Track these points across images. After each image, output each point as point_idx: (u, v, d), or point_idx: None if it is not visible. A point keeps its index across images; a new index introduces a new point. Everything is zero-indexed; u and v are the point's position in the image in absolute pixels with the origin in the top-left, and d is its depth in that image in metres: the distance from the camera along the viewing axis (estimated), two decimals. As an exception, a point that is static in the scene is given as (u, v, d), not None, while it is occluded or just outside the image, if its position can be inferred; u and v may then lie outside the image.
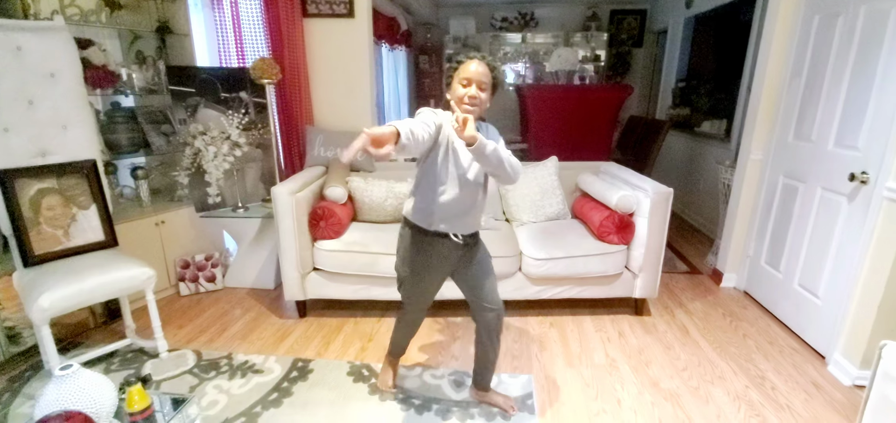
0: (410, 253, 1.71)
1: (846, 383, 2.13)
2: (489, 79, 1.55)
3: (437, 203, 1.60)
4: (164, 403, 1.54)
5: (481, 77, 1.53)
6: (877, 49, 2.06)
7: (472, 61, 1.55)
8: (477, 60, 1.55)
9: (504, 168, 1.50)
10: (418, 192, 1.65)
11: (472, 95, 1.52)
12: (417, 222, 1.66)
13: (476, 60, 1.55)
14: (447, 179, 1.59)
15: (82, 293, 1.98)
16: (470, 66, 1.54)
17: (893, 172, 1.94)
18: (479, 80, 1.53)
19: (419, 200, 1.65)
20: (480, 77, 1.53)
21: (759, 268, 2.88)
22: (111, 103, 2.86)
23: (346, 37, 3.13)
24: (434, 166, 1.58)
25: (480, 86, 1.53)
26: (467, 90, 1.53)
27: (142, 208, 2.83)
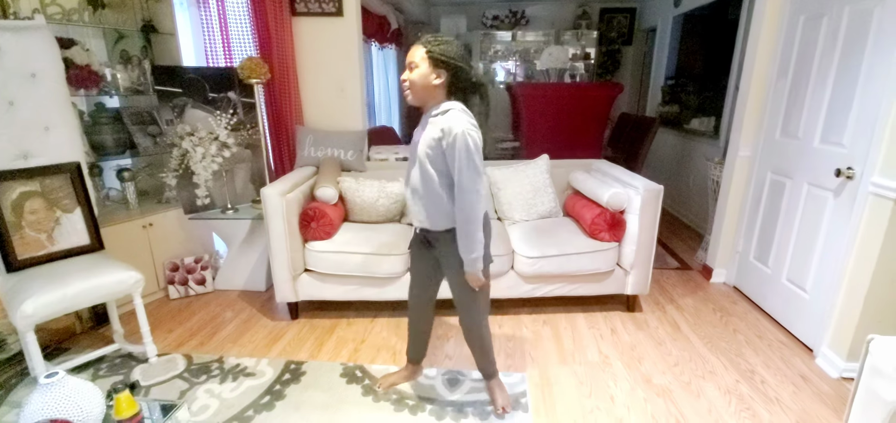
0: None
1: (833, 375, 2.17)
2: (420, 55, 1.53)
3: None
4: (153, 409, 1.52)
5: (408, 58, 1.55)
6: (860, 48, 2.09)
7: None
8: (413, 46, 1.58)
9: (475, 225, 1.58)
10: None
11: (402, 79, 1.58)
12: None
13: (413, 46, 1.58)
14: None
15: (67, 299, 1.93)
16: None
17: (878, 167, 1.97)
18: (408, 61, 1.56)
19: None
20: (408, 59, 1.55)
21: (748, 263, 2.92)
22: (95, 104, 2.80)
23: (335, 36, 3.10)
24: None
25: (409, 67, 1.56)
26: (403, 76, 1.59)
27: (128, 211, 2.79)
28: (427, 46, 1.52)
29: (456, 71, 1.54)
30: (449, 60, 1.53)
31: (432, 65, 1.53)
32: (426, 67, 1.53)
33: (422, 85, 1.54)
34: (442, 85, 1.55)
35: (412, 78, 1.55)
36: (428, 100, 1.59)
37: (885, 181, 1.93)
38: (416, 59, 1.53)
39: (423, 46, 1.53)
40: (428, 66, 1.53)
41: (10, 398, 2.02)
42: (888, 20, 1.95)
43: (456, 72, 1.54)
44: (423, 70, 1.53)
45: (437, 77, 1.54)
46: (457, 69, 1.54)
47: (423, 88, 1.55)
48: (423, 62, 1.53)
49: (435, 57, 1.52)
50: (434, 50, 1.51)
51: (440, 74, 1.54)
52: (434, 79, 1.54)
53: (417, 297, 1.93)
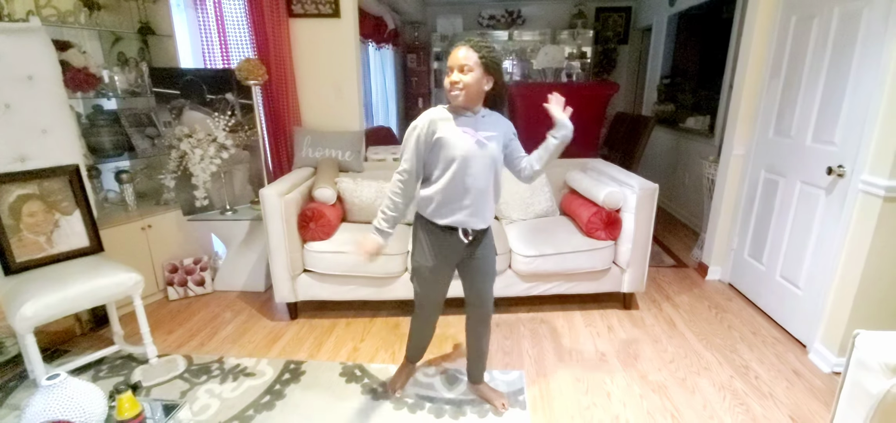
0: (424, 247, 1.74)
1: (826, 370, 2.20)
2: (474, 60, 1.54)
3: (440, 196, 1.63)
4: (155, 409, 1.53)
5: (461, 60, 1.54)
6: (850, 48, 2.12)
7: (457, 48, 1.57)
8: (460, 45, 1.57)
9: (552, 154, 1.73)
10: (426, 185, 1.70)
11: (454, 81, 1.56)
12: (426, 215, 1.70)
13: (460, 46, 1.57)
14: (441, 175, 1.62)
15: (67, 301, 1.94)
16: (453, 53, 1.57)
17: (868, 165, 2.00)
18: (460, 63, 1.54)
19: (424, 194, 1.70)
20: (461, 61, 1.54)
21: (742, 260, 2.95)
22: (93, 106, 2.81)
23: (332, 37, 3.11)
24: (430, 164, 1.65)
25: (462, 69, 1.54)
26: (450, 78, 1.57)
27: (127, 213, 2.79)
28: (481, 52, 1.55)
29: (501, 80, 1.63)
30: (499, 68, 1.61)
31: (485, 70, 1.57)
32: (480, 72, 1.56)
33: (476, 88, 1.57)
34: (488, 91, 1.62)
35: (467, 81, 1.55)
36: (475, 102, 1.62)
37: (874, 179, 1.96)
38: (470, 62, 1.54)
39: (475, 50, 1.54)
40: (482, 72, 1.56)
41: (9, 401, 2.03)
42: (876, 21, 1.98)
43: (500, 81, 1.63)
44: (477, 74, 1.56)
45: (487, 82, 1.60)
46: (501, 78, 1.63)
47: (476, 92, 1.58)
48: (478, 67, 1.55)
49: (487, 63, 1.56)
50: (487, 57, 1.56)
51: (489, 80, 1.60)
52: (485, 85, 1.59)
53: (438, 307, 1.89)
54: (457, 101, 1.58)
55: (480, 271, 1.78)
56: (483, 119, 1.64)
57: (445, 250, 1.71)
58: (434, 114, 1.62)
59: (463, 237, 1.68)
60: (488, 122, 1.65)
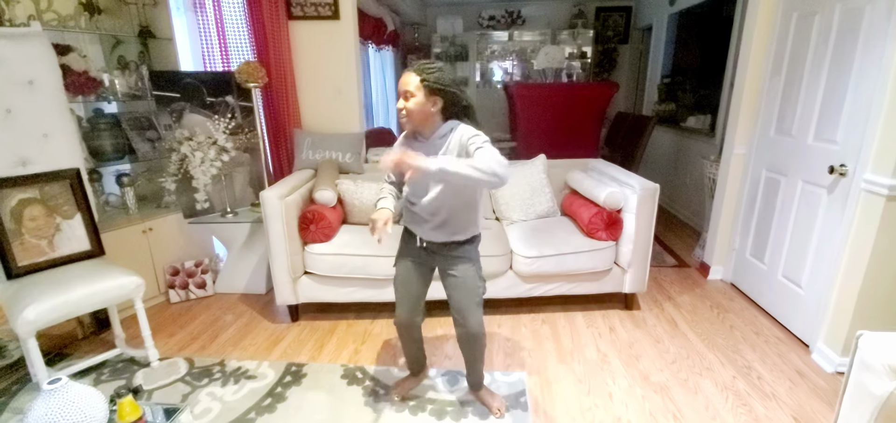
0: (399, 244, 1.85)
1: (829, 370, 2.19)
2: (415, 84, 1.53)
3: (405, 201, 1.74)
4: (156, 413, 1.53)
5: (404, 86, 1.54)
6: (852, 46, 2.12)
7: (402, 76, 1.57)
8: (405, 73, 1.56)
9: (473, 179, 1.41)
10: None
11: (398, 108, 1.59)
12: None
13: (404, 73, 1.56)
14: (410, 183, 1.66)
15: (69, 304, 1.95)
16: (401, 80, 1.58)
17: (870, 164, 1.99)
18: (403, 90, 1.55)
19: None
20: (403, 87, 1.55)
21: (744, 260, 2.94)
22: (94, 110, 2.81)
23: (331, 39, 3.11)
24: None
25: (405, 96, 1.55)
26: (398, 105, 1.59)
27: (128, 216, 2.80)
28: (422, 75, 1.53)
29: (451, 97, 1.58)
30: (445, 88, 1.56)
31: (428, 93, 1.54)
32: (422, 96, 1.54)
33: (420, 113, 1.56)
34: (438, 111, 1.59)
35: (409, 107, 1.55)
36: (426, 125, 1.60)
37: (876, 178, 1.95)
38: (411, 88, 1.53)
39: (416, 75, 1.53)
40: (424, 95, 1.54)
41: (11, 405, 2.04)
42: (879, 18, 1.97)
43: (451, 97, 1.58)
44: (419, 99, 1.54)
45: (434, 104, 1.57)
46: (452, 95, 1.57)
47: (421, 116, 1.57)
48: (419, 91, 1.54)
49: (430, 85, 1.53)
50: (429, 78, 1.53)
51: (436, 101, 1.56)
52: (431, 106, 1.56)
53: (411, 312, 1.85)
54: (406, 126, 1.62)
55: (454, 286, 1.74)
56: (439, 141, 1.60)
57: (407, 246, 1.80)
58: (400, 140, 1.73)
59: (419, 245, 1.74)
60: (441, 143, 1.59)
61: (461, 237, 1.69)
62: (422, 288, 1.83)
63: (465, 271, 1.72)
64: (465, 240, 1.71)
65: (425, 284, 1.84)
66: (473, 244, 1.75)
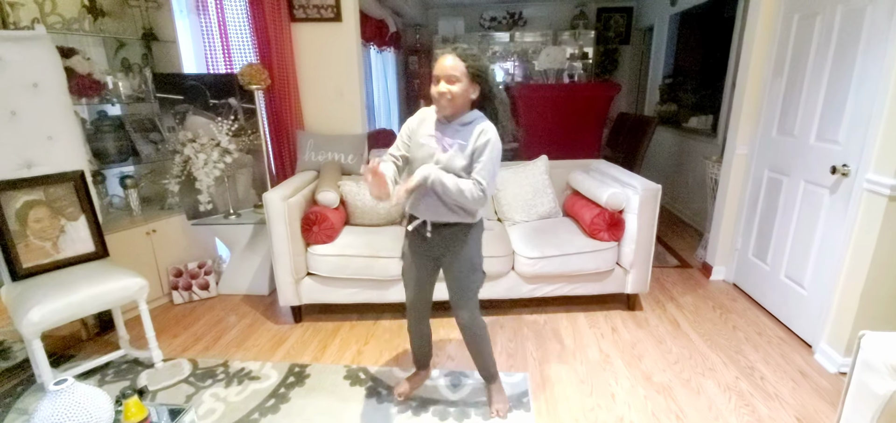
0: (404, 237, 1.84)
1: (832, 370, 2.19)
2: (461, 70, 1.53)
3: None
4: (161, 414, 1.53)
5: (449, 71, 1.52)
6: (854, 46, 2.12)
7: (443, 56, 1.55)
8: (447, 54, 1.55)
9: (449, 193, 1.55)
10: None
11: (442, 92, 1.55)
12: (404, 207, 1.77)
13: (446, 54, 1.55)
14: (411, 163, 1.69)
15: (73, 306, 1.96)
16: (440, 62, 1.55)
17: (872, 164, 1.99)
18: (447, 74, 1.53)
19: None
20: (448, 71, 1.52)
21: (747, 260, 2.94)
22: (97, 112, 2.83)
23: (334, 40, 3.13)
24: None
25: (450, 80, 1.53)
26: (437, 88, 1.56)
27: (132, 218, 2.81)
28: (467, 61, 1.53)
29: (489, 88, 1.60)
30: (486, 76, 1.58)
31: (470, 79, 1.56)
32: (466, 82, 1.55)
33: (463, 98, 1.56)
34: (475, 99, 1.61)
35: (455, 91, 1.54)
36: (461, 110, 1.61)
37: (879, 178, 1.95)
38: (457, 73, 1.52)
39: (461, 60, 1.53)
40: (468, 81, 1.55)
41: (17, 406, 2.05)
42: (880, 19, 1.97)
43: (489, 88, 1.60)
44: (464, 85, 1.54)
45: (474, 91, 1.59)
46: (490, 86, 1.60)
47: (463, 102, 1.57)
48: (465, 77, 1.54)
49: (473, 72, 1.55)
50: (473, 66, 1.54)
51: (476, 88, 1.59)
52: (472, 93, 1.58)
53: (417, 301, 1.90)
54: (444, 111, 1.59)
55: (449, 269, 1.77)
56: (460, 128, 1.61)
57: (415, 241, 1.78)
58: (425, 113, 1.70)
59: (423, 228, 1.72)
60: (463, 132, 1.61)
61: (462, 220, 1.69)
62: (426, 275, 1.83)
63: (461, 261, 1.73)
64: (466, 223, 1.71)
65: (428, 272, 1.83)
66: (473, 229, 1.74)
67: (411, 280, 1.85)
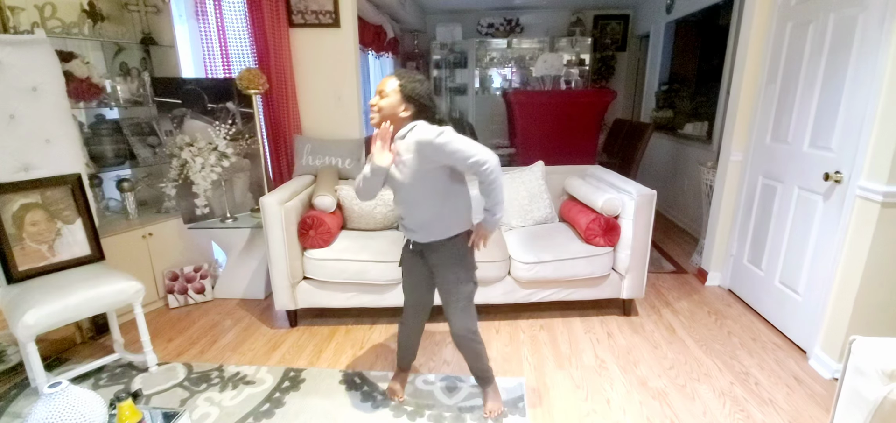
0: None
1: (826, 376, 2.20)
2: (393, 88, 1.62)
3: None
4: (155, 417, 1.53)
5: (383, 86, 1.64)
6: (846, 54, 2.14)
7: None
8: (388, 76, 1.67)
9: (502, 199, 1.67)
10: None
11: (372, 104, 1.66)
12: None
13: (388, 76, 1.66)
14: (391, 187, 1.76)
15: (68, 309, 1.96)
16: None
17: (865, 171, 2.01)
18: (380, 88, 1.65)
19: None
20: (382, 86, 1.64)
21: (742, 266, 2.95)
22: (95, 116, 2.83)
23: (332, 46, 3.14)
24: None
25: (380, 93, 1.64)
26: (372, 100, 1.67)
27: (128, 221, 2.81)
28: (401, 80, 1.63)
29: (422, 109, 1.66)
30: (419, 99, 1.64)
31: (403, 98, 1.63)
32: (396, 99, 1.63)
33: (390, 113, 1.63)
34: (408, 118, 1.66)
35: (382, 104, 1.63)
36: (397, 126, 1.67)
37: (871, 184, 1.97)
38: (387, 89, 1.62)
39: (397, 79, 1.64)
40: (398, 99, 1.63)
41: (10, 409, 2.04)
42: (872, 27, 2.00)
43: (422, 109, 1.66)
44: (393, 101, 1.63)
45: (405, 110, 1.65)
46: (424, 107, 1.66)
47: (390, 116, 1.64)
48: (395, 94, 1.63)
49: (406, 93, 1.62)
50: (406, 86, 1.62)
51: (408, 108, 1.64)
52: (402, 111, 1.64)
53: (415, 308, 1.95)
54: (372, 121, 1.68)
55: (440, 284, 1.83)
56: (400, 141, 1.67)
57: (404, 249, 1.89)
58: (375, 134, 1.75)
59: (411, 247, 1.84)
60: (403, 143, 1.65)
61: (441, 237, 1.74)
62: (422, 280, 1.89)
63: (446, 273, 1.78)
64: (447, 238, 1.74)
65: (425, 278, 1.88)
66: (455, 243, 1.75)
67: (407, 285, 1.94)
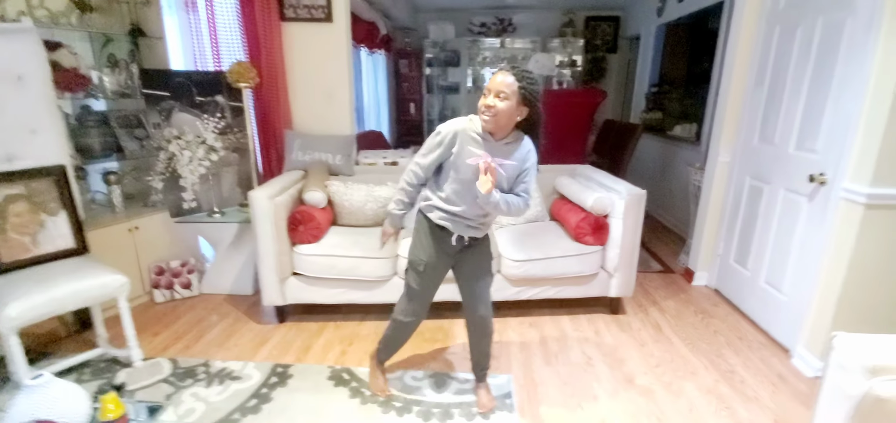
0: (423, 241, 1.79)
1: (809, 374, 2.24)
2: (512, 89, 1.53)
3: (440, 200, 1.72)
4: (139, 411, 1.52)
5: (499, 86, 1.54)
6: (833, 57, 2.18)
7: (499, 72, 1.57)
8: (501, 71, 1.57)
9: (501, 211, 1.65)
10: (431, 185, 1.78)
11: (488, 104, 1.56)
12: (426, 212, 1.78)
13: (500, 71, 1.57)
14: (447, 182, 1.70)
15: (52, 302, 1.92)
16: (494, 76, 1.58)
17: (849, 173, 2.05)
18: (497, 89, 1.55)
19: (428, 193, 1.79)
20: (498, 86, 1.54)
21: (728, 266, 2.99)
22: (82, 107, 2.79)
23: (324, 41, 3.12)
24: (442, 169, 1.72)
25: (497, 94, 1.55)
26: (484, 100, 1.58)
27: (114, 214, 2.77)
28: (521, 81, 1.54)
29: (535, 112, 1.61)
30: (535, 102, 1.58)
31: (521, 101, 1.56)
32: (515, 102, 1.55)
33: (507, 116, 1.57)
34: (520, 123, 1.62)
35: (501, 107, 1.54)
36: (503, 129, 1.61)
37: (855, 186, 2.01)
38: (507, 90, 1.53)
39: (516, 80, 1.54)
40: (517, 101, 1.56)
41: (-9, 404, 2.00)
42: (859, 31, 2.03)
43: (534, 112, 1.61)
44: (512, 103, 1.55)
45: (520, 114, 1.59)
46: (536, 110, 1.60)
47: (507, 120, 1.58)
48: (515, 96, 1.54)
49: (526, 95, 1.55)
50: (527, 88, 1.55)
51: (523, 111, 1.59)
52: (518, 115, 1.59)
53: (427, 306, 1.91)
54: (487, 125, 1.60)
55: (475, 272, 1.85)
56: (504, 146, 1.64)
57: (442, 244, 1.77)
58: (460, 126, 1.64)
59: (454, 242, 1.76)
60: (508, 150, 1.64)
61: (487, 231, 1.85)
62: (441, 279, 1.89)
63: (486, 263, 1.89)
64: (486, 234, 1.86)
65: (443, 276, 1.89)
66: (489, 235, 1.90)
67: (433, 285, 1.86)
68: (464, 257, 1.83)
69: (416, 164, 1.73)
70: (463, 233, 1.74)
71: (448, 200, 1.70)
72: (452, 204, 1.70)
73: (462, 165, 1.63)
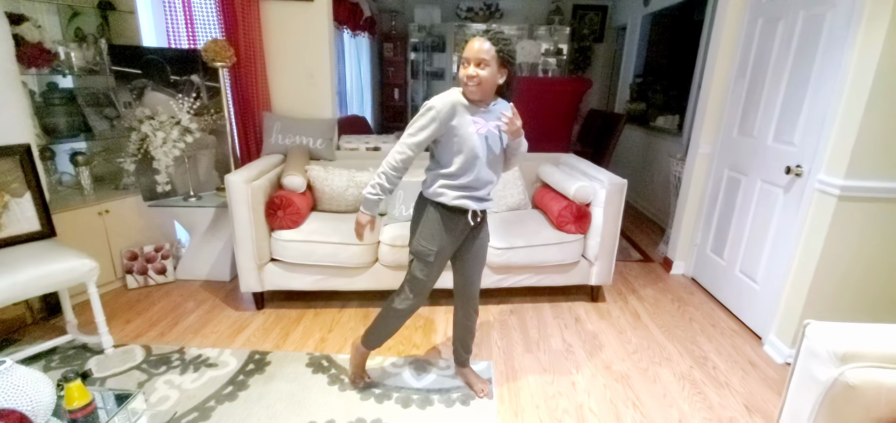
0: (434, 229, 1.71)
1: (779, 361, 2.30)
2: (491, 55, 1.52)
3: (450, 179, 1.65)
4: (107, 399, 1.47)
5: (479, 54, 1.52)
6: (813, 52, 2.20)
7: (473, 40, 1.54)
8: (477, 38, 1.54)
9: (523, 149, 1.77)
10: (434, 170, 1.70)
11: (471, 74, 1.54)
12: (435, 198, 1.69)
13: (476, 38, 1.54)
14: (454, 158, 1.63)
15: (16, 287, 1.85)
16: (470, 44, 1.54)
17: (824, 165, 2.08)
18: (477, 57, 1.52)
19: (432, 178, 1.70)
20: (478, 54, 1.52)
21: (705, 256, 3.04)
22: (47, 84, 2.66)
23: (304, 21, 3.04)
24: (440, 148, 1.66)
25: (478, 63, 1.53)
26: (466, 71, 1.55)
27: (83, 197, 2.67)
28: (498, 45, 1.53)
29: (512, 74, 1.61)
30: (512, 60, 1.58)
31: (501, 64, 1.56)
32: (496, 66, 1.55)
33: (491, 82, 1.56)
34: (501, 84, 1.61)
35: (484, 75, 1.53)
36: (489, 96, 1.61)
37: (829, 179, 2.05)
38: (487, 57, 1.52)
39: (493, 44, 1.52)
40: (497, 66, 1.55)
41: (-49, 392, 1.92)
42: (838, 25, 2.06)
43: (512, 75, 1.61)
44: (493, 68, 1.54)
45: (501, 76, 1.59)
46: (513, 72, 1.61)
47: (491, 85, 1.57)
48: (494, 61, 1.53)
49: (504, 57, 1.55)
50: (504, 49, 1.54)
51: (503, 73, 1.58)
52: (500, 77, 1.58)
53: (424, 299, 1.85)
54: (473, 95, 1.58)
55: (476, 259, 1.85)
56: (493, 109, 1.65)
57: (453, 232, 1.73)
58: (454, 99, 1.60)
59: (471, 219, 1.72)
60: (495, 113, 1.65)
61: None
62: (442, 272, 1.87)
63: (487, 241, 1.88)
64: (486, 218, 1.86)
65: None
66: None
67: (438, 273, 1.80)
68: (469, 241, 1.80)
69: (406, 145, 1.61)
70: (478, 207, 1.71)
71: (458, 174, 1.63)
72: (465, 176, 1.64)
73: (467, 134, 1.59)
